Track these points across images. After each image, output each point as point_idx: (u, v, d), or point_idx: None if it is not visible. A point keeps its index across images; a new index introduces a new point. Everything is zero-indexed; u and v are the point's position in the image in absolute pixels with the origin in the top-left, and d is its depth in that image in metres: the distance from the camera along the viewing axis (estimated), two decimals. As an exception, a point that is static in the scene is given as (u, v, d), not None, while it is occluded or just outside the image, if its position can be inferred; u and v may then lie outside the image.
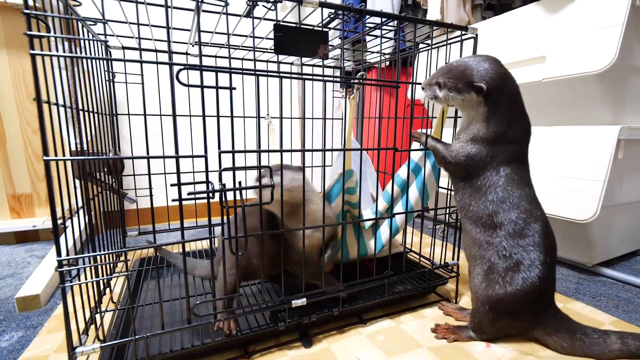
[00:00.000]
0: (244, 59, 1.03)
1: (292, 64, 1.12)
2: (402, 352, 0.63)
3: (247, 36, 0.81)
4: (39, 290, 0.80)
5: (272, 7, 0.57)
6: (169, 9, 0.49)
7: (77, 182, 0.89)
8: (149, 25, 0.68)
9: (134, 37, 0.79)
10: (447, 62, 0.74)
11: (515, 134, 0.62)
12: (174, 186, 0.52)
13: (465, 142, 0.64)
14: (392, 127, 0.97)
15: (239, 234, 0.63)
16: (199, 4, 0.53)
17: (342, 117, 0.76)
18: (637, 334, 0.58)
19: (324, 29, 0.60)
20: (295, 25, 0.58)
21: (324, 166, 0.68)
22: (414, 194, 0.81)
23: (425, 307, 0.79)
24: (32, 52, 0.43)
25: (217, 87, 0.51)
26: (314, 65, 1.11)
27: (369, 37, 0.93)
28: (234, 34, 0.77)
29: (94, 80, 0.76)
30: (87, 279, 0.60)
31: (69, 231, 1.02)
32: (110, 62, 0.91)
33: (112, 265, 0.85)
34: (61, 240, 0.48)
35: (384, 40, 0.75)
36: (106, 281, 0.75)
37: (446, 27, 0.71)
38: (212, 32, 0.77)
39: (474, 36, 0.72)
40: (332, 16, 0.65)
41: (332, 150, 0.64)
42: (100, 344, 0.51)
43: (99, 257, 0.69)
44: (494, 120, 0.61)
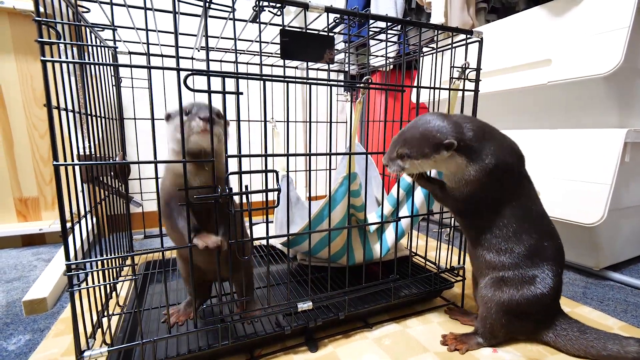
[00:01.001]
0: (248, 63, 1.03)
1: (297, 68, 1.12)
2: (409, 357, 0.63)
3: (252, 41, 0.82)
4: (46, 293, 0.81)
5: (279, 13, 0.58)
6: (177, 15, 0.49)
7: (84, 186, 0.90)
8: (156, 30, 0.68)
9: (140, 43, 0.79)
10: (452, 64, 0.74)
11: (506, 162, 0.60)
12: (181, 190, 0.52)
13: (459, 186, 0.62)
14: (397, 130, 0.97)
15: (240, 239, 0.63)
16: (207, 9, 0.54)
17: (347, 120, 0.76)
18: None
19: (330, 34, 0.60)
20: (301, 30, 0.58)
21: (329, 170, 0.68)
22: (419, 197, 0.81)
23: (431, 311, 0.79)
24: (42, 58, 0.43)
25: (224, 92, 0.52)
26: (318, 69, 1.12)
27: (373, 41, 0.94)
28: (240, 39, 0.77)
29: (102, 85, 0.76)
30: (94, 283, 0.60)
31: (76, 235, 1.03)
32: (117, 68, 0.92)
33: (119, 268, 0.85)
34: (69, 243, 0.48)
35: (388, 44, 0.76)
36: (113, 285, 0.76)
37: (451, 31, 0.71)
38: (218, 37, 0.78)
39: (479, 39, 0.72)
40: (337, 21, 0.65)
41: (338, 154, 0.64)
42: (107, 347, 0.51)
43: (107, 261, 0.69)
44: (478, 161, 0.59)
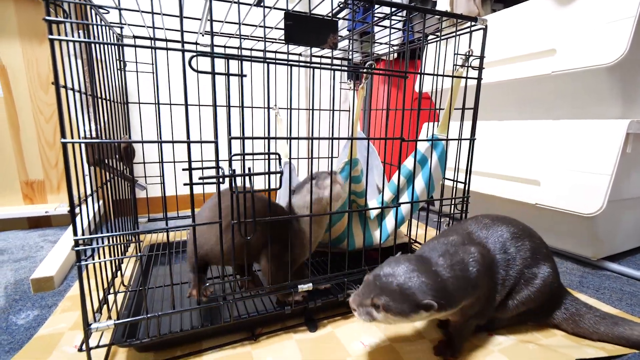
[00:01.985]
0: (252, 49, 1.03)
1: (300, 55, 1.12)
2: (405, 340, 0.64)
3: (257, 26, 0.82)
4: (53, 272, 0.83)
5: (283, -4, 0.58)
6: (182, -3, 0.50)
7: (89, 168, 0.91)
8: (161, 13, 0.69)
9: (145, 26, 0.80)
10: (456, 52, 0.74)
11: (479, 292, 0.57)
12: (186, 170, 0.53)
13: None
14: (399, 119, 0.98)
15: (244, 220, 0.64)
16: (211, -8, 0.54)
17: (349, 109, 0.77)
18: None
19: (334, 18, 0.60)
20: (305, 14, 0.58)
21: (331, 157, 0.69)
22: (420, 184, 0.82)
23: (428, 297, 0.80)
24: (50, 37, 0.44)
25: (227, 74, 0.52)
26: (321, 56, 1.12)
27: (377, 28, 0.93)
28: (244, 24, 0.78)
29: (106, 68, 0.77)
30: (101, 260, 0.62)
31: (83, 214, 1.05)
32: (121, 51, 0.92)
33: (124, 247, 0.87)
34: (77, 219, 0.50)
35: (392, 31, 0.76)
36: (118, 264, 0.78)
37: (456, 18, 0.71)
38: (222, 21, 0.78)
39: (484, 27, 0.72)
40: (341, 5, 0.66)
41: (340, 138, 0.65)
42: (114, 321, 0.53)
43: (113, 237, 0.71)
44: (458, 308, 0.55)
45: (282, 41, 0.94)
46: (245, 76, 0.52)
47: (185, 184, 0.54)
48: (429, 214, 0.86)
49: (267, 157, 0.59)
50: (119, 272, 0.79)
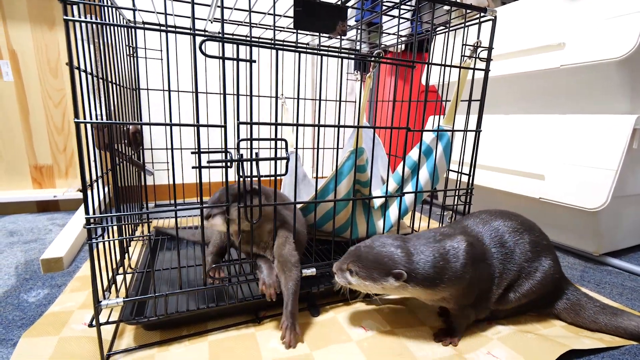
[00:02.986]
0: (260, 38, 1.04)
1: (308, 44, 1.12)
2: (406, 326, 0.66)
3: (265, 13, 0.82)
4: (62, 253, 0.85)
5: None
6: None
7: (96, 153, 0.93)
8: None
9: (155, 12, 0.80)
10: (464, 43, 0.74)
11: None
12: (194, 154, 0.54)
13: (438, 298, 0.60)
14: (405, 111, 0.98)
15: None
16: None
17: (356, 100, 0.77)
18: None
19: (343, 5, 0.61)
20: (314, 0, 0.59)
21: (337, 148, 0.70)
22: (424, 175, 0.82)
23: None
24: (65, 17, 0.45)
25: (237, 59, 0.53)
26: (329, 46, 1.12)
27: (385, 18, 0.93)
28: (254, 11, 0.78)
29: (116, 53, 0.78)
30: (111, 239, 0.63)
31: (93, 195, 1.07)
32: (131, 36, 0.93)
33: (132, 230, 0.89)
34: (88, 198, 0.51)
35: (401, 21, 0.76)
36: (126, 246, 0.79)
37: (465, 8, 0.71)
38: (232, 8, 0.78)
39: (493, 18, 0.72)
40: (351, -6, 0.66)
41: (346, 126, 0.65)
42: (123, 298, 0.55)
43: (123, 217, 0.72)
44: (428, 283, 0.56)
45: (291, 29, 0.94)
46: (254, 62, 0.53)
47: (193, 167, 0.55)
48: (432, 208, 0.87)
49: (274, 142, 0.60)
50: (126, 255, 0.81)
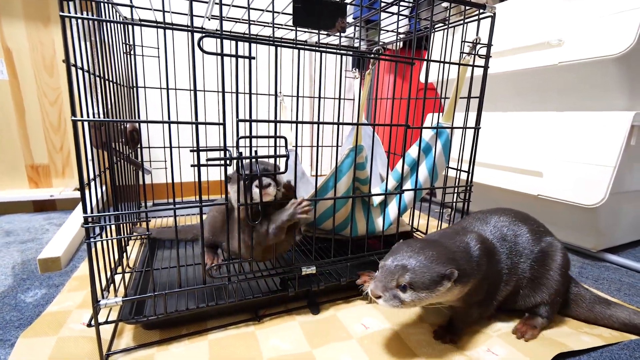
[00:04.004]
0: (258, 35, 1.03)
1: (306, 42, 1.12)
2: (406, 324, 0.66)
3: (263, 10, 0.81)
4: (60, 253, 0.84)
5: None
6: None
7: (92, 152, 0.92)
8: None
9: (152, 9, 0.79)
10: (463, 40, 0.74)
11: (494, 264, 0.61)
12: (193, 152, 0.54)
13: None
14: (404, 109, 0.97)
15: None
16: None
17: (354, 98, 0.77)
18: None
19: (343, 2, 0.60)
20: (313, -3, 0.58)
21: (336, 146, 0.70)
22: (423, 173, 0.82)
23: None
24: (62, 14, 0.44)
25: (236, 56, 0.52)
26: (327, 44, 1.11)
27: (383, 15, 0.93)
28: (252, 8, 0.77)
29: (113, 51, 0.77)
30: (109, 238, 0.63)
31: (92, 193, 1.06)
32: (128, 33, 0.92)
33: (130, 229, 0.88)
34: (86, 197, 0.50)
35: (399, 18, 0.75)
36: (124, 245, 0.79)
37: (464, 5, 0.70)
38: (230, 5, 0.78)
39: (492, 15, 0.72)
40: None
41: (345, 123, 0.65)
42: (122, 297, 0.54)
43: (121, 216, 0.72)
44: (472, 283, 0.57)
45: (290, 27, 0.94)
46: (254, 58, 0.53)
47: (192, 165, 0.55)
48: (430, 205, 0.87)
49: (274, 140, 0.60)
50: (124, 254, 0.81)
